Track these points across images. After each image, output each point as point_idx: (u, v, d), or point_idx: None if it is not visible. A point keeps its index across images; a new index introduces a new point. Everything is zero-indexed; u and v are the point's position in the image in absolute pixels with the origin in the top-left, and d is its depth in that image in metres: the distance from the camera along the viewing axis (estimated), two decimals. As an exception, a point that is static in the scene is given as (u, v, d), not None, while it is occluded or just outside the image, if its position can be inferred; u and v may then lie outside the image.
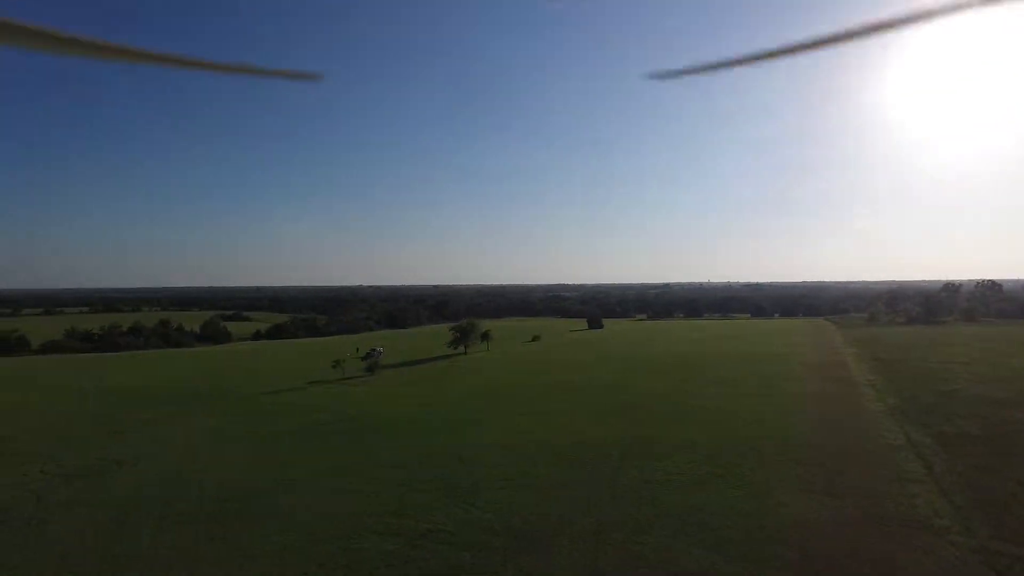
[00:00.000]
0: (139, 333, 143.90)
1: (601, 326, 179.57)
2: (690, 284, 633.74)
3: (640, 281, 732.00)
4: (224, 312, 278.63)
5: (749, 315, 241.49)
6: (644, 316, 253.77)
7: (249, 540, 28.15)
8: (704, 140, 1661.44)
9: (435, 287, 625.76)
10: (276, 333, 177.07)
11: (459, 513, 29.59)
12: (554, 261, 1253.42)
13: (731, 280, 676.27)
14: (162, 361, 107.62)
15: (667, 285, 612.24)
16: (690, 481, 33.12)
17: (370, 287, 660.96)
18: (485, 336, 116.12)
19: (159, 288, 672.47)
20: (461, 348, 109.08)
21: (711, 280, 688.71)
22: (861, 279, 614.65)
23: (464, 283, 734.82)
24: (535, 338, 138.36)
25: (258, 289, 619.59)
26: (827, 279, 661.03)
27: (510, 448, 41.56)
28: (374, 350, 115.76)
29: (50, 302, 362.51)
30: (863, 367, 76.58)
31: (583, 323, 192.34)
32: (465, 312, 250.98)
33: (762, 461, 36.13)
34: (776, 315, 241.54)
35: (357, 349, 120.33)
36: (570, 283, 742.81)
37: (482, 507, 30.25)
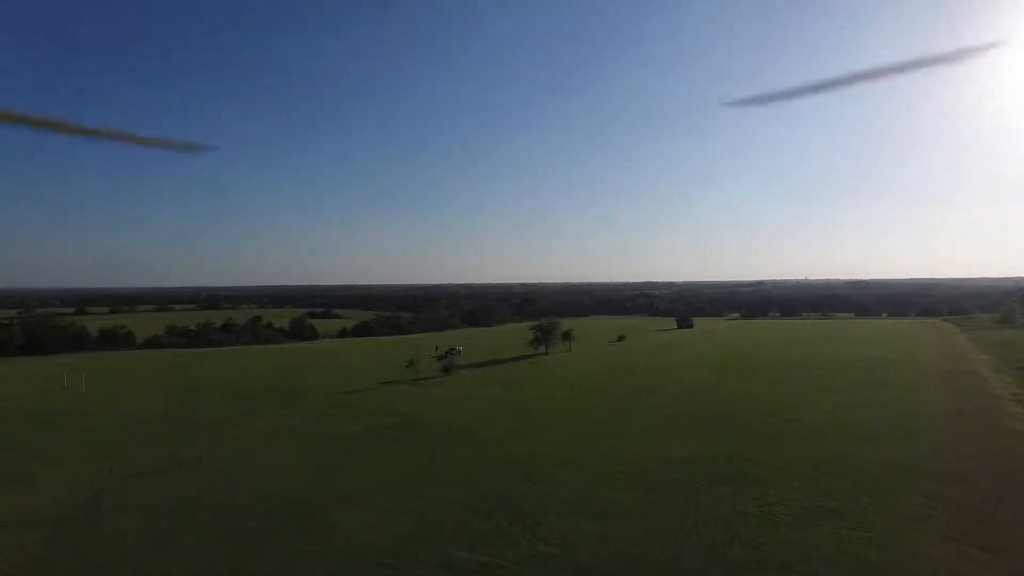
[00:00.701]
0: (231, 330, 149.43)
1: (691, 325, 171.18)
2: (785, 281, 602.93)
3: (732, 279, 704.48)
4: (314, 310, 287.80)
5: (853, 315, 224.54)
6: (737, 315, 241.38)
7: (290, 561, 25.57)
8: (800, 123, 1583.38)
9: (522, 285, 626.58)
10: (361, 331, 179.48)
11: (520, 544, 25.80)
12: (642, 258, 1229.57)
13: (830, 277, 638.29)
14: (248, 358, 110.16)
15: (760, 283, 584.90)
16: (794, 515, 27.80)
17: (457, 285, 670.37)
18: (567, 335, 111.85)
19: (258, 287, 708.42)
20: (541, 348, 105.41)
21: (808, 277, 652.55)
22: (983, 276, 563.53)
23: (550, 281, 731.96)
24: (620, 338, 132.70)
25: (349, 288, 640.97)
26: (940, 275, 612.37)
27: (582, 465, 37.39)
28: (452, 349, 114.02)
29: (162, 299, 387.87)
30: (1004, 378, 65.95)
31: (672, 322, 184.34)
32: (550, 310, 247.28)
33: (884, 494, 30.07)
34: (884, 315, 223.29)
35: (436, 348, 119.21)
36: (659, 280, 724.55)
37: (546, 537, 26.33)
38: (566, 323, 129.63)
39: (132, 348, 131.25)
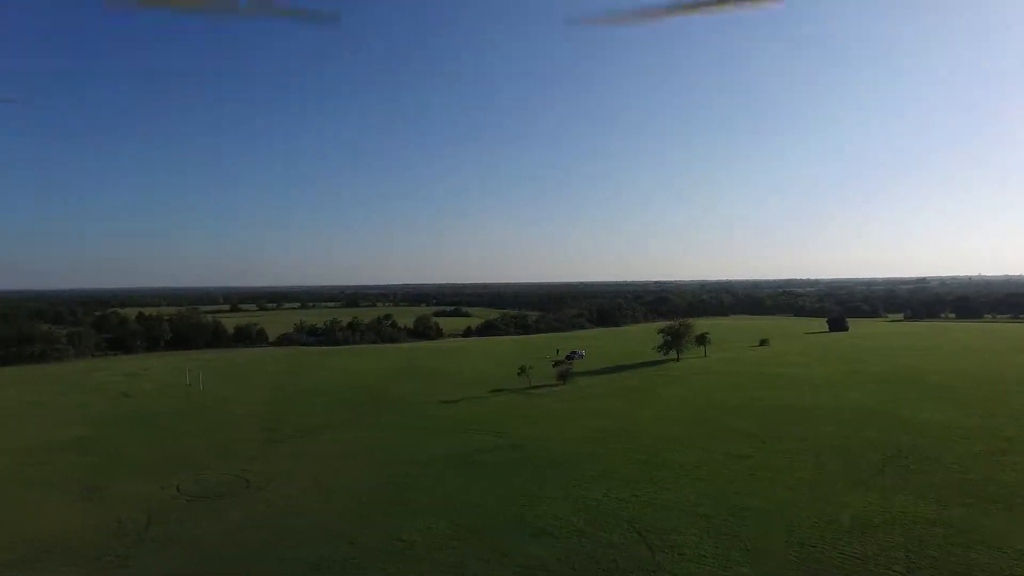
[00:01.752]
0: (356, 328, 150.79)
1: (845, 328, 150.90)
2: (954, 278, 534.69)
3: (888, 275, 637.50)
4: (444, 308, 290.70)
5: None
6: (901, 316, 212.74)
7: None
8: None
9: (656, 283, 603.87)
10: (485, 330, 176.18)
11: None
12: (786, 253, 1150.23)
13: (1010, 273, 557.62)
14: (364, 357, 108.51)
15: (923, 279, 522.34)
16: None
17: (589, 283, 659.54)
18: (701, 339, 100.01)
19: (401, 285, 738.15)
20: (672, 353, 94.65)
21: (983, 273, 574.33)
22: None
23: (685, 279, 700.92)
24: (763, 341, 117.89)
25: (485, 286, 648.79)
26: None
27: (718, 523, 28.09)
28: (574, 353, 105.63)
29: (307, 297, 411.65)
30: None
31: (821, 323, 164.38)
32: (684, 310, 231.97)
33: None
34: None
35: (557, 351, 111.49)
36: (803, 277, 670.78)
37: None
38: (701, 324, 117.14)
39: (263, 345, 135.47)
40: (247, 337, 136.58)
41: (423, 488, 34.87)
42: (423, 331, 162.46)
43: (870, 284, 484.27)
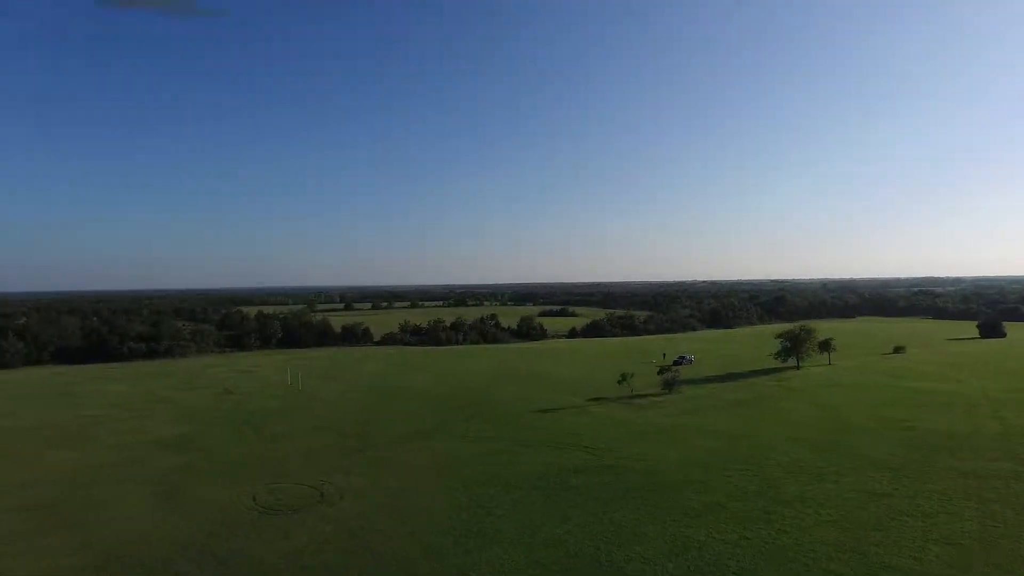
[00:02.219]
0: (458, 329, 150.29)
1: (1001, 334, 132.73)
2: None
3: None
4: (551, 307, 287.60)
5: None
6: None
7: None
8: None
9: (773, 281, 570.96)
10: (591, 330, 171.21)
11: None
12: (920, 248, 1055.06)
13: None
14: (464, 359, 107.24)
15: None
16: None
17: (702, 282, 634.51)
18: (825, 345, 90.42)
19: (503, 285, 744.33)
20: (791, 360, 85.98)
21: None
22: None
23: (805, 277, 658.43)
24: (898, 349, 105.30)
25: (596, 285, 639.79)
26: None
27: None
28: (681, 358, 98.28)
29: (416, 296, 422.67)
30: None
31: (969, 327, 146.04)
32: (804, 311, 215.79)
33: None
34: None
35: (664, 355, 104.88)
36: (943, 275, 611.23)
37: None
38: (824, 328, 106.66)
39: (368, 344, 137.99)
40: (353, 336, 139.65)
41: (505, 514, 31.47)
42: (526, 332, 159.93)
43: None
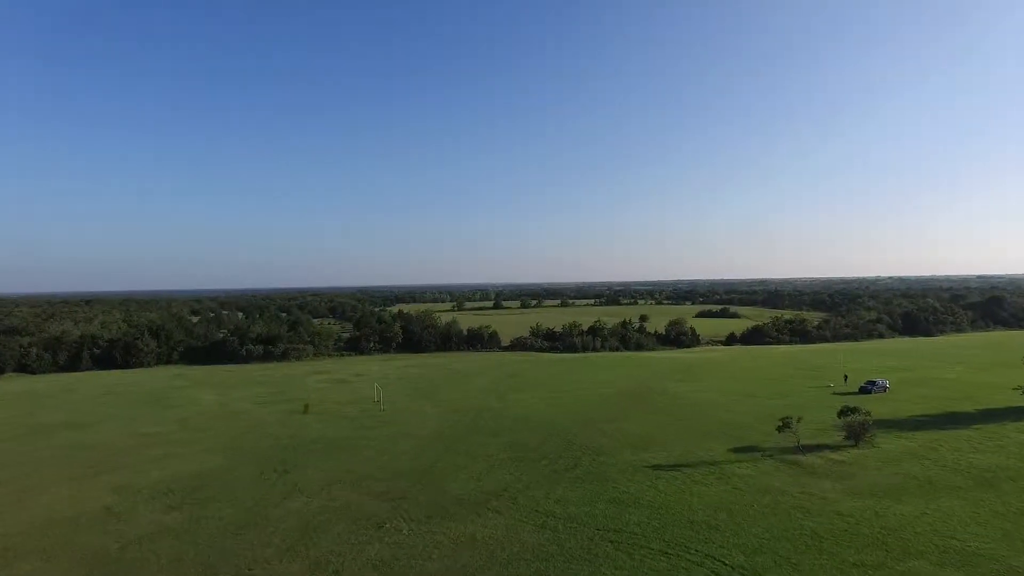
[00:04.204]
0: (597, 334, 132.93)
1: None
2: None
3: None
4: (711, 308, 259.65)
5: None
6: None
7: None
8: None
9: (979, 277, 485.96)
10: (751, 336, 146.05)
11: None
12: None
13: None
14: (591, 371, 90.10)
15: None
16: None
17: (888, 278, 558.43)
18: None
19: (664, 282, 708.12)
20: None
21: None
22: None
23: (1019, 272, 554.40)
24: None
25: (762, 282, 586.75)
26: None
27: None
28: (871, 384, 70.89)
29: (567, 294, 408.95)
30: None
31: None
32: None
33: None
34: None
35: (846, 378, 79.75)
36: None
37: None
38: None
39: (494, 348, 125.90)
40: (479, 340, 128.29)
41: None
42: (675, 337, 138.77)
43: None
